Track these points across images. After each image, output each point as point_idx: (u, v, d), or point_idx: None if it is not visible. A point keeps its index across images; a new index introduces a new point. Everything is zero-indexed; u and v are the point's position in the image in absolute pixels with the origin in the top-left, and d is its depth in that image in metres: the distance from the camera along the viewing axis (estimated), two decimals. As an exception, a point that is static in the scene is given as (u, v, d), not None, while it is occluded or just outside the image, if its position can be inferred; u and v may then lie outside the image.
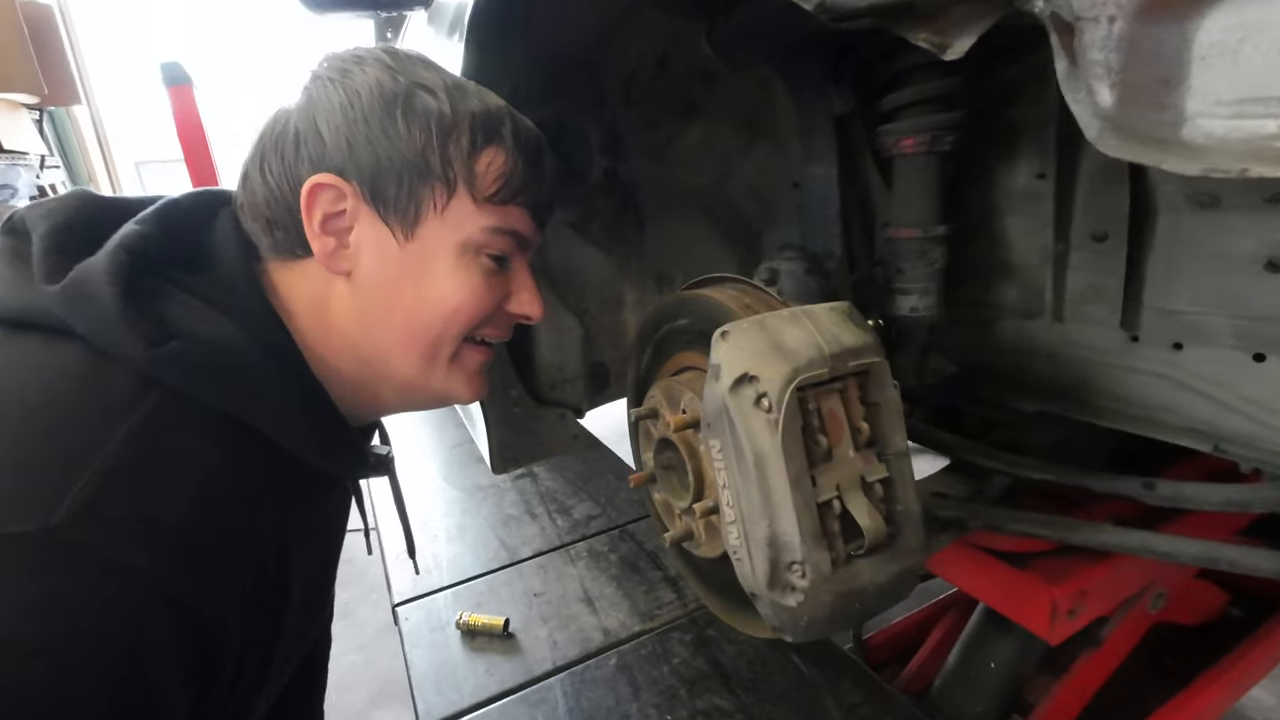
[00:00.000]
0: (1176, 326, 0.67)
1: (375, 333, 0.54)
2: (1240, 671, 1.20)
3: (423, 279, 0.54)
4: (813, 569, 0.51)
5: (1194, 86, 0.21)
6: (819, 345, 0.53)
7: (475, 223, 0.54)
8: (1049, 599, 0.86)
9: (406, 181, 0.52)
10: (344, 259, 0.52)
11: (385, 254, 0.53)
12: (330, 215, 0.52)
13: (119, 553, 0.37)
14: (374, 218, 0.52)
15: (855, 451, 0.54)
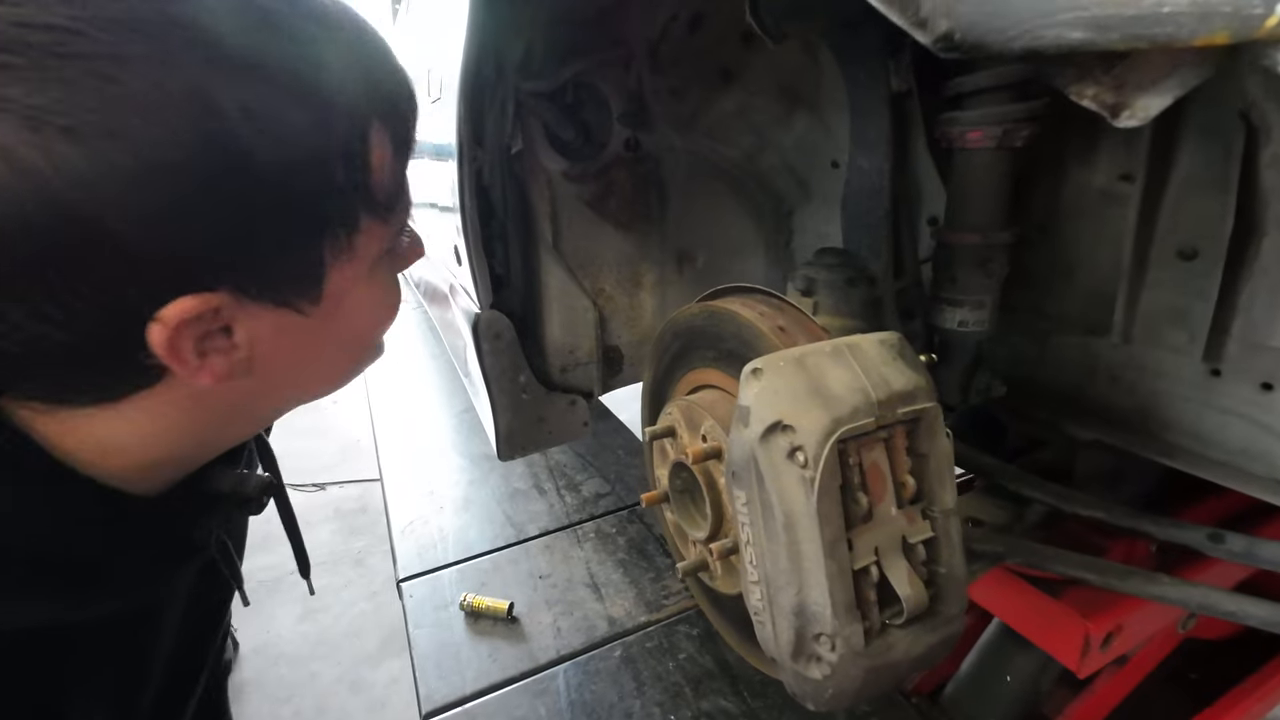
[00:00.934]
0: (1270, 365, 0.59)
1: (284, 393, 0.44)
2: (1267, 690, 1.16)
3: (341, 326, 0.41)
4: (844, 643, 0.45)
5: None
6: (865, 390, 0.46)
7: (383, 239, 0.41)
8: (1083, 633, 0.81)
9: (299, 254, 0.36)
10: (235, 365, 0.37)
11: (288, 332, 0.38)
12: (203, 336, 0.35)
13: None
14: (262, 309, 0.36)
15: (898, 509, 0.48)
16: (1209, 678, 1.19)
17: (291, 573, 2.61)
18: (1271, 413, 0.59)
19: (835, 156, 0.95)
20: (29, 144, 0.27)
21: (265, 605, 2.44)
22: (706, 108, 0.96)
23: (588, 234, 1.06)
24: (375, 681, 2.10)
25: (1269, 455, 0.60)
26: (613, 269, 1.12)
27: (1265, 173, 0.54)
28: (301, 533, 0.63)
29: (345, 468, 3.36)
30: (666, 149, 1.00)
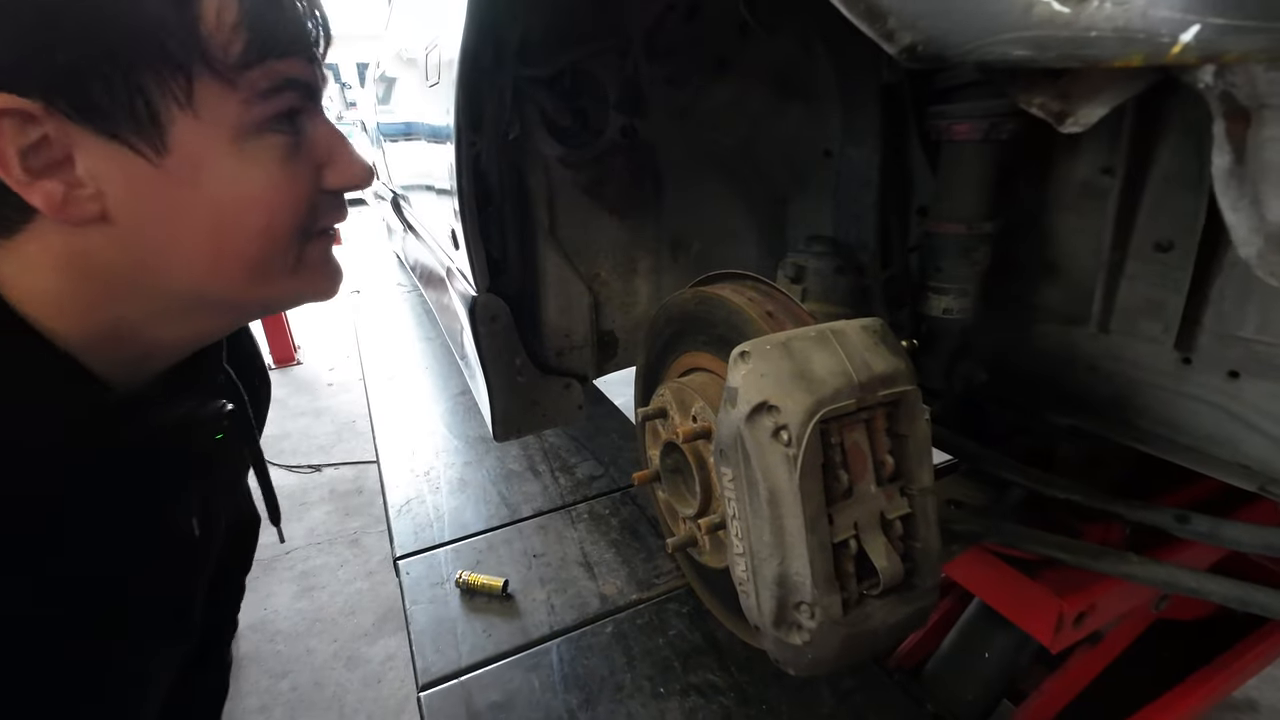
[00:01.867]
0: (1237, 354, 0.61)
1: (171, 272, 0.42)
2: (1233, 672, 1.20)
3: (203, 196, 0.41)
4: (823, 611, 0.48)
5: None
6: (847, 373, 0.48)
7: (233, 101, 0.40)
8: (1056, 610, 0.84)
9: (115, 78, 0.36)
10: (84, 203, 0.38)
11: (138, 179, 0.39)
12: (28, 148, 0.36)
13: None
14: (95, 138, 0.37)
15: (877, 487, 0.50)
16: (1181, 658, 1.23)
17: (289, 552, 2.65)
18: (1238, 399, 0.62)
19: (828, 146, 0.96)
20: None
21: (262, 583, 2.47)
22: (702, 96, 0.98)
23: (584, 220, 1.08)
24: (371, 657, 2.14)
25: (1234, 440, 0.63)
26: (608, 255, 1.14)
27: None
28: (274, 486, 0.67)
29: (341, 449, 3.38)
30: (662, 137, 1.01)
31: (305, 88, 0.44)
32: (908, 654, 1.28)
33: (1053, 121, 0.22)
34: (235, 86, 0.40)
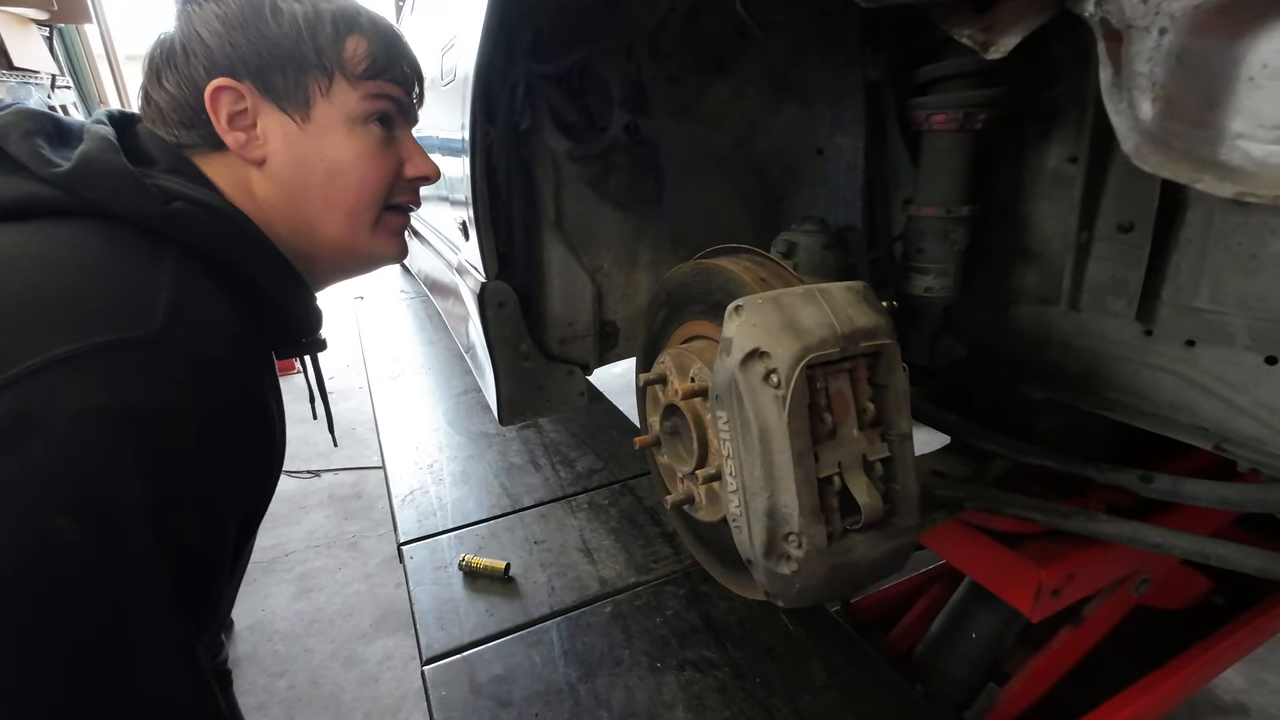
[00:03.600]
0: (1192, 324, 0.67)
1: (298, 205, 0.63)
2: (1211, 658, 1.23)
3: (325, 151, 0.62)
4: (809, 541, 0.52)
5: (1239, 108, 0.21)
6: (832, 325, 0.53)
7: (354, 97, 0.62)
8: (1036, 580, 0.88)
9: (291, 73, 0.60)
10: (256, 148, 0.60)
11: (290, 136, 0.61)
12: (234, 113, 0.59)
13: (206, 349, 0.48)
14: (272, 108, 0.60)
15: (859, 431, 0.55)
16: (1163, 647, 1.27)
17: (287, 554, 2.66)
18: (1194, 367, 0.67)
19: (819, 144, 1.03)
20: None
21: (260, 584, 2.49)
22: (702, 95, 1.04)
23: (588, 213, 1.13)
24: (368, 657, 2.15)
25: (1192, 405, 0.68)
26: (611, 247, 1.19)
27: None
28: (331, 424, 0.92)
29: (340, 455, 3.40)
30: (664, 134, 1.07)
31: (398, 104, 0.67)
32: (898, 641, 1.31)
33: (979, 49, 0.27)
34: (355, 88, 0.63)
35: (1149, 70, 0.23)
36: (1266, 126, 0.20)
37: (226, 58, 0.58)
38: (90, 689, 0.42)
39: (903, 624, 1.32)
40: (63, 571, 0.40)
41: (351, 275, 0.73)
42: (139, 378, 0.43)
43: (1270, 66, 0.20)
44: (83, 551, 0.40)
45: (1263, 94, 0.21)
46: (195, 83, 0.58)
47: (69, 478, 0.40)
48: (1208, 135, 0.22)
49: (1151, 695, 1.15)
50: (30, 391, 0.40)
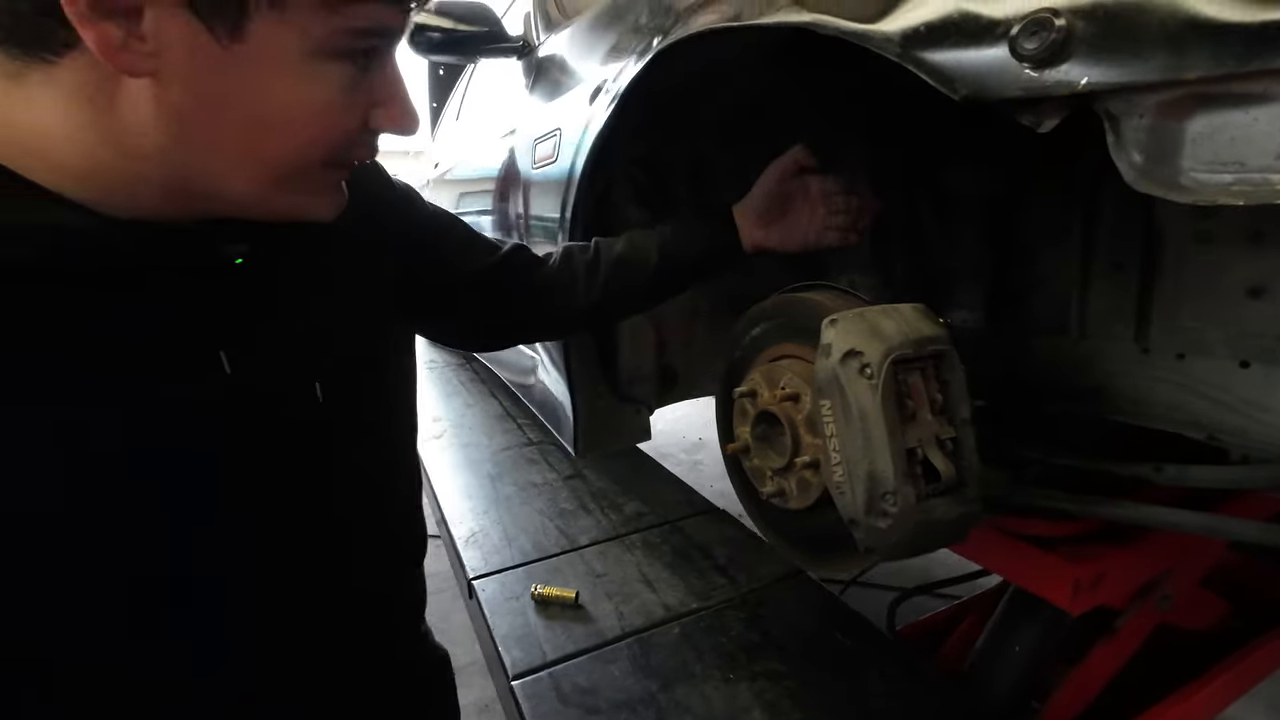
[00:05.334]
0: (1180, 340, 0.84)
1: (195, 148, 0.41)
2: (1223, 683, 1.32)
3: (259, 94, 0.40)
4: (902, 499, 0.67)
5: (1186, 154, 0.38)
6: (905, 332, 0.70)
7: (325, 23, 0.39)
8: (1072, 576, 1.01)
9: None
10: (138, 58, 0.36)
11: (201, 55, 0.37)
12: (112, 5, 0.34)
13: None
14: (175, 4, 0.36)
15: (932, 416, 0.70)
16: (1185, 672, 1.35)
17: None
18: (1186, 374, 0.84)
19: (853, 213, 1.23)
20: None
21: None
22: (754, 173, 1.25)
23: (656, 271, 1.32)
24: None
25: (1186, 406, 0.84)
26: (675, 300, 1.37)
27: (1158, 206, 0.81)
28: None
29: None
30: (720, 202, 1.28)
31: (384, 34, 0.43)
32: (943, 660, 1.40)
33: (1034, 127, 0.45)
34: (334, 10, 0.39)
35: (1136, 138, 0.41)
36: (1201, 164, 0.38)
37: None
38: None
39: (946, 647, 1.41)
40: None
41: (236, 215, 0.47)
42: None
43: (1199, 134, 0.38)
44: None
45: (1198, 147, 0.38)
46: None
47: None
48: (1173, 170, 0.39)
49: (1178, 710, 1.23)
50: None
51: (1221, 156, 0.37)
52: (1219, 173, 0.37)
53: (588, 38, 1.30)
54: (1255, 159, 0.36)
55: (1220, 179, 0.37)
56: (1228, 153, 0.37)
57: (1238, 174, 0.37)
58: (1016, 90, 0.42)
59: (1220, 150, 0.37)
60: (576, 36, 1.38)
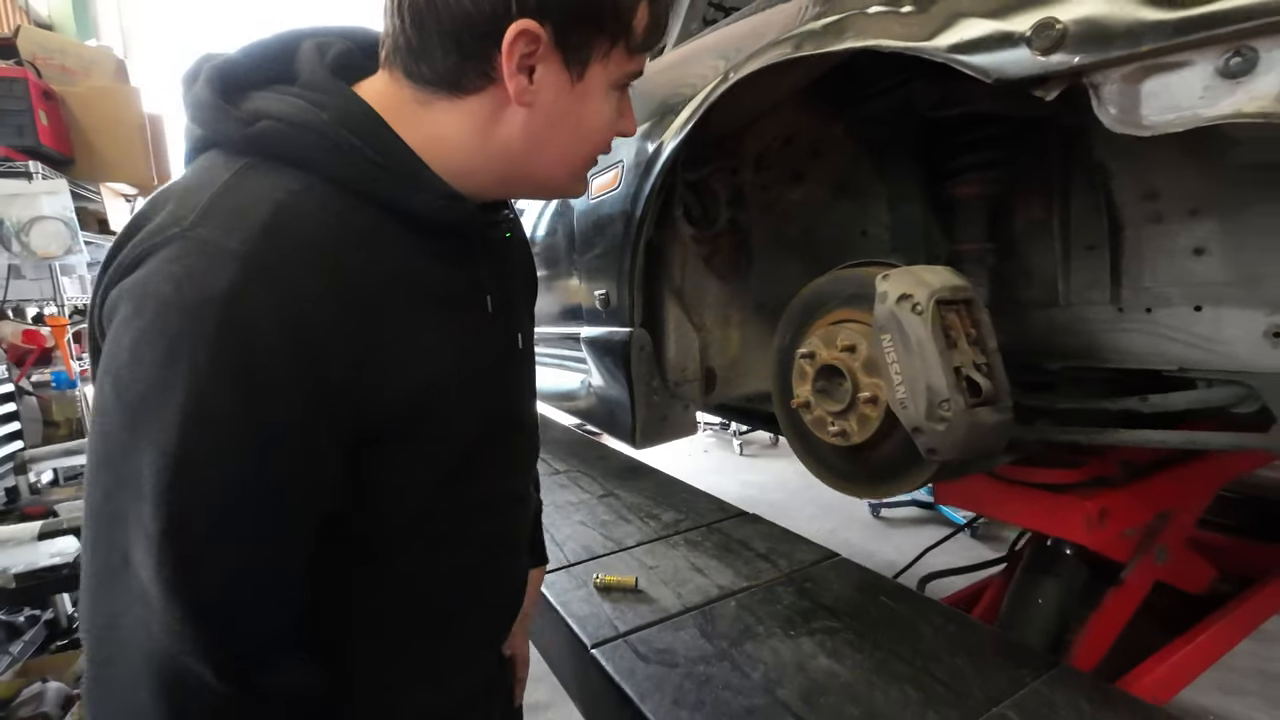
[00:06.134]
0: (1146, 297, 1.06)
1: (537, 149, 0.60)
2: (1222, 629, 1.48)
3: (584, 113, 0.60)
4: (955, 405, 0.85)
5: (1144, 105, 0.60)
6: (944, 281, 0.90)
7: (624, 69, 0.60)
8: (1083, 512, 1.18)
9: (586, 31, 0.56)
10: (529, 94, 0.56)
11: (561, 90, 0.57)
12: (525, 55, 0.54)
13: (220, 235, 0.47)
14: (556, 61, 0.56)
15: (969, 345, 0.90)
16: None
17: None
18: (1154, 324, 1.05)
19: (864, 228, 1.47)
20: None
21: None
22: (783, 198, 1.49)
23: (699, 282, 1.53)
24: None
25: (1157, 348, 1.05)
26: (713, 310, 1.57)
27: (1116, 197, 1.05)
28: None
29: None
30: (755, 226, 1.51)
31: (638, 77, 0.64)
32: (988, 609, 1.53)
33: (1042, 95, 0.67)
34: (629, 60, 0.60)
35: (1111, 97, 0.63)
36: (1153, 110, 0.60)
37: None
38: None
39: (974, 613, 1.54)
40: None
41: (532, 197, 0.77)
42: (165, 266, 0.47)
43: (1151, 91, 0.60)
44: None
45: (1151, 100, 0.61)
46: (503, 9, 0.52)
47: None
48: (1136, 116, 0.61)
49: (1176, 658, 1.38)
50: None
51: (1165, 103, 0.59)
52: (1164, 114, 0.59)
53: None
54: (1186, 102, 0.58)
55: (1166, 118, 0.59)
56: (1168, 100, 0.59)
57: (1176, 113, 0.59)
58: (1032, 70, 0.64)
59: (1164, 99, 0.59)
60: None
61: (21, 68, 3.11)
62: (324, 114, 0.53)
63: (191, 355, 0.45)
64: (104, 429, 0.48)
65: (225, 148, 0.53)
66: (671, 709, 1.09)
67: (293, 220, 0.50)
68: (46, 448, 2.23)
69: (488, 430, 0.64)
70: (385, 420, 0.54)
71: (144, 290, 0.47)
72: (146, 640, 0.47)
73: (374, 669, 0.63)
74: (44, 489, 2.23)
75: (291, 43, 0.60)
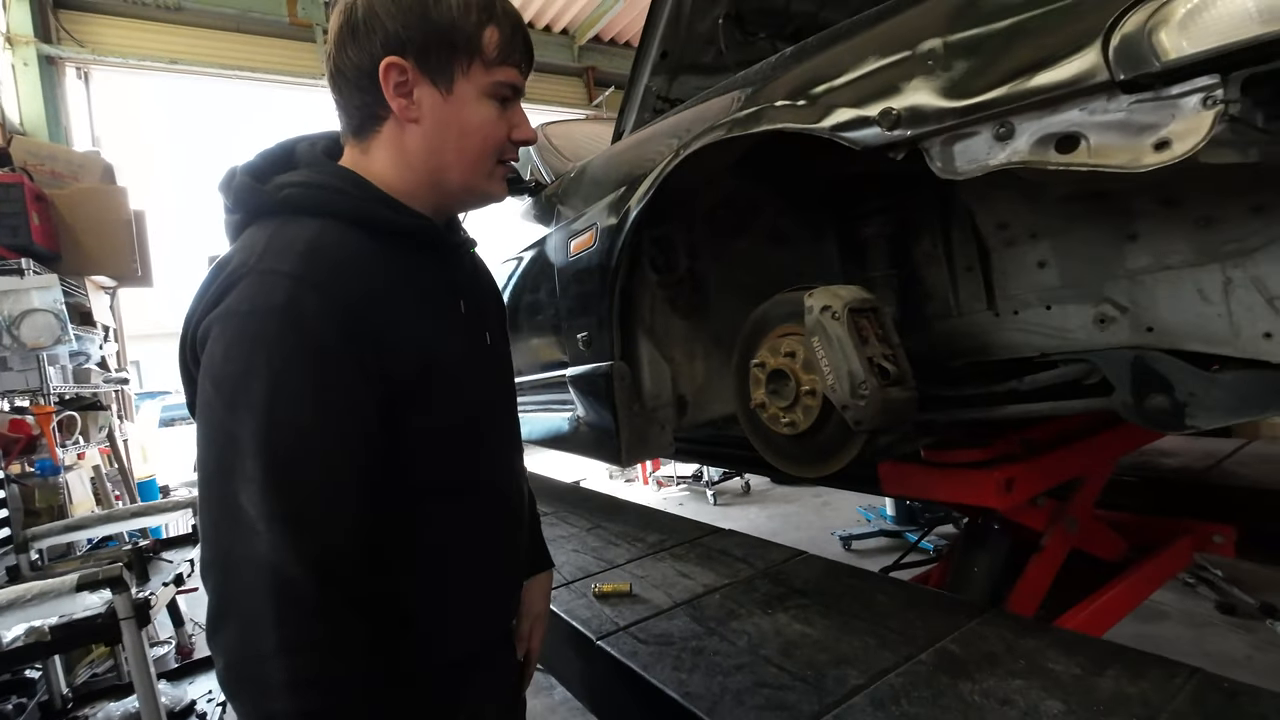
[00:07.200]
0: (1012, 303, 1.37)
1: (439, 155, 0.77)
2: (1125, 587, 1.74)
3: (461, 117, 0.76)
4: (871, 386, 1.11)
5: (958, 158, 0.91)
6: (854, 295, 1.19)
7: (486, 78, 0.76)
8: (993, 481, 1.44)
9: (443, 54, 0.74)
10: (412, 111, 0.75)
11: (436, 104, 0.75)
12: (399, 83, 0.73)
13: (276, 264, 0.67)
14: (426, 81, 0.74)
15: (878, 341, 1.18)
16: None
17: None
18: (1020, 323, 1.35)
19: (798, 267, 1.78)
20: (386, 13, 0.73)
21: None
22: (730, 247, 1.80)
23: (665, 321, 1.80)
24: None
25: (1025, 341, 1.34)
26: (679, 344, 1.84)
27: (980, 229, 1.38)
28: None
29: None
30: (709, 271, 1.80)
31: (514, 88, 0.80)
32: (936, 578, 1.74)
33: (893, 158, 0.97)
34: (488, 70, 0.76)
35: (937, 155, 0.93)
36: (964, 162, 0.91)
37: (398, 38, 0.72)
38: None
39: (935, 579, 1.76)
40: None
41: (471, 209, 0.88)
42: (240, 294, 0.67)
43: (960, 150, 0.91)
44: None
45: (960, 155, 0.92)
46: (373, 56, 0.72)
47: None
48: (953, 166, 0.91)
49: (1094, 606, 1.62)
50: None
51: (967, 157, 0.90)
52: (969, 165, 0.90)
53: (607, 165, 1.88)
54: (979, 156, 0.89)
55: (970, 166, 0.90)
56: (969, 155, 0.90)
57: (975, 163, 0.90)
58: (883, 141, 0.95)
59: (967, 155, 0.90)
60: (599, 164, 1.96)
61: (17, 174, 3.31)
62: (323, 178, 0.76)
63: (267, 348, 0.64)
64: (209, 414, 0.65)
65: (260, 217, 0.75)
66: (672, 674, 1.27)
67: (321, 248, 0.70)
68: (48, 525, 2.29)
69: (476, 400, 0.83)
70: (402, 384, 0.72)
71: (228, 312, 0.66)
72: (256, 559, 0.61)
73: (425, 595, 0.79)
74: (45, 567, 2.28)
75: (290, 145, 0.83)
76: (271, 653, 0.60)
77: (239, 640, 0.62)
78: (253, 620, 0.61)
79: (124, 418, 4.48)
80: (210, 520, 0.64)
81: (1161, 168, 0.75)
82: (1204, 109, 0.72)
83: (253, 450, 0.63)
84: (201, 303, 0.70)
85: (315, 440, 0.65)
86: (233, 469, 0.63)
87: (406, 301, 0.75)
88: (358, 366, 0.68)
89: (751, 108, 1.24)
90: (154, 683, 1.62)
